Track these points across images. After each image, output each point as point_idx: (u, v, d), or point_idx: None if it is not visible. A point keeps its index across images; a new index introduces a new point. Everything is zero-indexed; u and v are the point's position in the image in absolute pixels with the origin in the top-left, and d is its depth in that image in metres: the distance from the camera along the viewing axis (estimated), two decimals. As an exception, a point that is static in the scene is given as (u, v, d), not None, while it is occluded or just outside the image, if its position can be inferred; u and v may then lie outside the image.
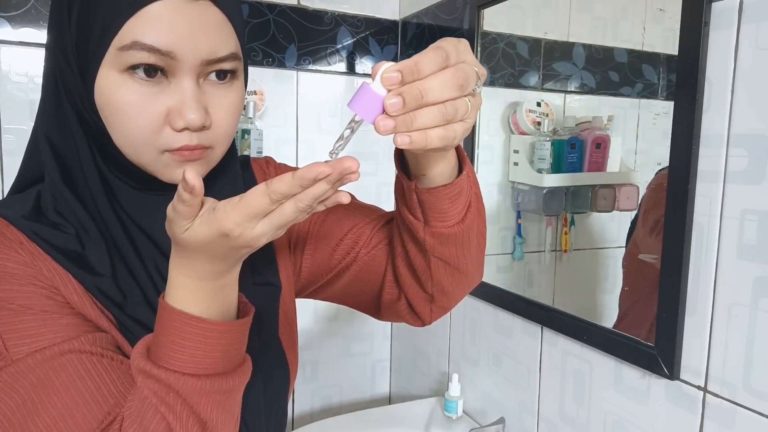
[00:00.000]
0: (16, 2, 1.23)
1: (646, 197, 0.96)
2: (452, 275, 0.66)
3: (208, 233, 0.46)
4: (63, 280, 0.55)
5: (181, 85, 0.53)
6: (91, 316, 0.55)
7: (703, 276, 0.78)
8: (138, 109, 0.53)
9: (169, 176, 0.56)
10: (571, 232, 1.16)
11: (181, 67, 0.53)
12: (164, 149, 0.54)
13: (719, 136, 0.75)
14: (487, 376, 1.27)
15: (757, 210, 0.71)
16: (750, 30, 0.71)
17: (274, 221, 0.46)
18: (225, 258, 0.49)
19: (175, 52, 0.52)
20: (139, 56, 0.51)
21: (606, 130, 1.07)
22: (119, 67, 0.52)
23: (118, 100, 0.53)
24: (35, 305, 0.52)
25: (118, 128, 0.54)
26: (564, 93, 1.17)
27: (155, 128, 0.53)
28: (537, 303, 1.10)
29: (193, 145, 0.55)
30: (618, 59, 1.04)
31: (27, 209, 0.57)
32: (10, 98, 1.26)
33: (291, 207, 0.45)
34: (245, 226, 0.45)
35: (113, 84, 0.52)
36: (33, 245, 0.55)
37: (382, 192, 1.67)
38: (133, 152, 0.55)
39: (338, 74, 1.57)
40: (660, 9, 0.90)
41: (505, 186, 1.27)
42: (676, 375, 0.81)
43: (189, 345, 0.49)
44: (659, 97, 0.95)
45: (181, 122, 0.53)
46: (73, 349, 0.52)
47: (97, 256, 0.57)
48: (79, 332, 0.53)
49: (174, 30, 0.51)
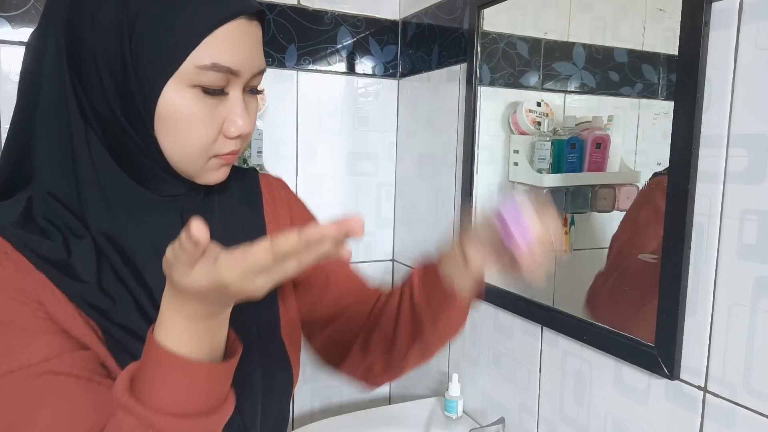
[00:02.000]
0: (16, 2, 1.23)
1: (635, 200, 0.97)
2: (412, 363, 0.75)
3: (207, 283, 0.46)
4: (47, 292, 0.54)
5: (235, 97, 0.58)
6: (74, 330, 0.54)
7: (703, 276, 0.78)
8: (202, 121, 0.56)
9: (207, 179, 0.61)
10: (571, 232, 1.16)
11: (238, 81, 0.58)
12: (214, 155, 0.59)
13: (719, 136, 0.75)
14: (487, 376, 1.27)
15: (757, 210, 0.71)
16: (750, 30, 0.71)
17: (275, 276, 0.46)
18: (219, 303, 0.49)
19: (241, 71, 0.57)
20: (216, 77, 0.55)
21: (606, 130, 1.07)
22: (189, 82, 0.55)
23: (185, 111, 0.56)
24: (15, 322, 0.52)
25: (176, 138, 0.57)
26: (564, 93, 1.17)
27: (214, 137, 0.58)
28: (537, 303, 1.10)
29: (236, 150, 0.60)
30: (618, 59, 1.04)
31: (15, 215, 0.56)
32: (10, 98, 1.25)
33: (293, 265, 0.45)
34: (246, 280, 0.45)
35: (181, 97, 0.55)
36: (18, 254, 0.54)
37: (382, 192, 1.67)
38: (182, 160, 0.58)
39: (338, 74, 1.57)
40: (660, 9, 0.90)
41: (505, 186, 1.27)
42: (676, 375, 0.81)
43: (173, 384, 0.49)
44: (659, 97, 0.95)
45: (236, 131, 0.58)
46: (49, 371, 0.51)
47: (84, 263, 0.56)
48: (58, 352, 0.52)
49: (242, 50, 0.56)
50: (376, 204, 1.67)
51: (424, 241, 1.53)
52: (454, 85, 1.37)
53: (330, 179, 1.60)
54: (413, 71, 1.56)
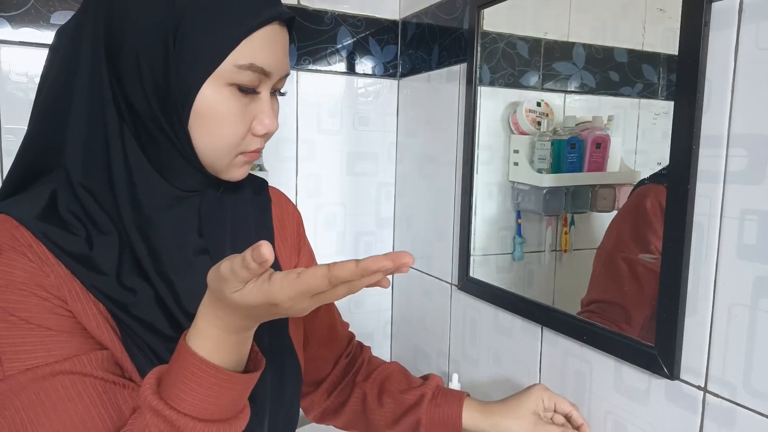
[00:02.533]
0: (16, 2, 1.23)
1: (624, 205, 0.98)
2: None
3: (258, 301, 0.48)
4: (69, 287, 0.55)
5: (265, 97, 0.62)
6: (93, 328, 0.55)
7: (703, 276, 0.78)
8: (235, 118, 0.60)
9: (232, 174, 0.64)
10: (571, 232, 1.16)
11: (268, 82, 0.61)
12: (241, 152, 0.62)
13: (719, 136, 0.75)
14: (487, 376, 1.27)
15: (757, 210, 0.71)
16: (750, 30, 0.71)
17: (324, 300, 0.48)
18: (260, 319, 0.52)
19: (273, 72, 0.60)
20: (251, 76, 0.59)
21: (606, 130, 1.07)
22: (227, 81, 0.58)
23: (221, 108, 0.59)
24: (35, 319, 0.52)
25: (209, 134, 0.59)
26: (564, 93, 1.17)
27: (244, 134, 0.61)
28: (537, 303, 1.10)
29: (261, 148, 0.63)
30: (618, 59, 1.04)
31: (39, 208, 0.57)
32: (10, 98, 1.26)
33: (344, 291, 0.47)
34: (296, 301, 0.47)
35: (219, 94, 0.58)
36: (42, 247, 0.55)
37: (382, 192, 1.67)
38: (212, 155, 0.61)
39: (338, 74, 1.57)
40: (660, 9, 0.90)
41: (505, 186, 1.27)
42: (676, 375, 0.81)
43: (202, 391, 0.51)
44: (659, 97, 0.95)
45: (263, 129, 0.61)
46: (65, 370, 0.52)
47: (106, 257, 0.57)
48: (76, 351, 0.53)
49: (275, 53, 0.60)
50: (376, 204, 1.67)
51: (424, 241, 1.53)
52: (454, 85, 1.37)
53: (330, 179, 1.60)
54: (413, 71, 1.56)
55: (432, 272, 1.49)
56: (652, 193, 0.92)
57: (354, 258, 0.46)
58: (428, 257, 1.51)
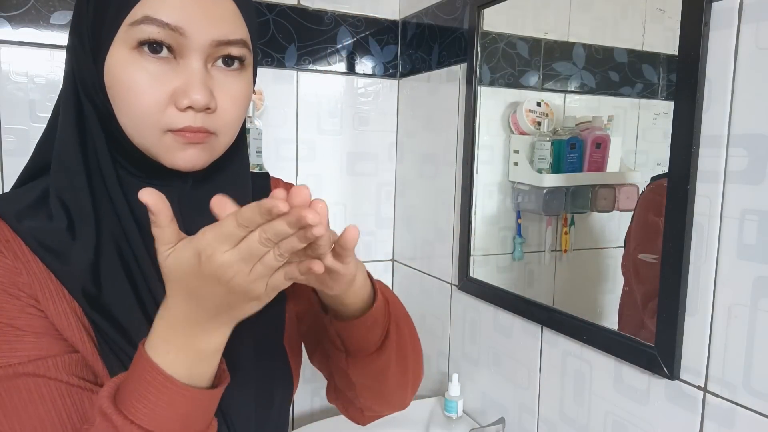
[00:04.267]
0: (16, 2, 1.23)
1: (637, 209, 0.96)
2: (375, 398, 0.68)
3: (186, 255, 0.45)
4: (42, 285, 0.53)
5: (189, 66, 0.54)
6: (64, 327, 0.53)
7: (703, 276, 0.78)
8: (144, 86, 0.53)
9: (171, 160, 0.56)
10: (571, 232, 1.16)
11: (190, 46, 0.53)
12: (167, 129, 0.54)
13: (719, 136, 0.75)
14: (487, 376, 1.27)
15: (757, 210, 0.71)
16: (750, 30, 0.71)
17: (242, 250, 0.44)
18: (203, 300, 0.47)
19: (185, 29, 0.52)
20: (148, 30, 0.52)
21: (606, 130, 1.07)
22: (129, 44, 0.53)
23: (126, 77, 0.53)
24: (3, 317, 0.51)
25: (123, 106, 0.54)
26: (564, 93, 1.17)
27: (160, 106, 0.53)
28: (537, 303, 1.10)
29: (197, 127, 0.54)
30: (618, 59, 1.04)
31: (26, 202, 0.56)
32: (10, 98, 1.26)
33: (256, 236, 0.43)
34: (215, 248, 0.44)
35: (122, 61, 0.53)
36: (20, 243, 0.54)
37: (381, 192, 1.67)
38: (136, 133, 0.55)
39: (338, 74, 1.57)
40: (660, 9, 0.90)
41: (505, 186, 1.27)
42: (676, 375, 0.81)
43: (153, 400, 0.47)
44: (659, 97, 0.95)
45: (185, 101, 0.53)
46: (29, 372, 0.50)
47: (84, 250, 0.55)
48: (43, 353, 0.51)
49: (185, 9, 0.53)
50: (376, 204, 1.67)
51: (424, 241, 1.53)
52: (454, 85, 1.37)
53: (330, 179, 1.60)
54: (413, 71, 1.56)
55: (432, 272, 1.49)
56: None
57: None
58: (428, 257, 1.51)
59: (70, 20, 0.59)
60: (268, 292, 0.47)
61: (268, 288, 0.47)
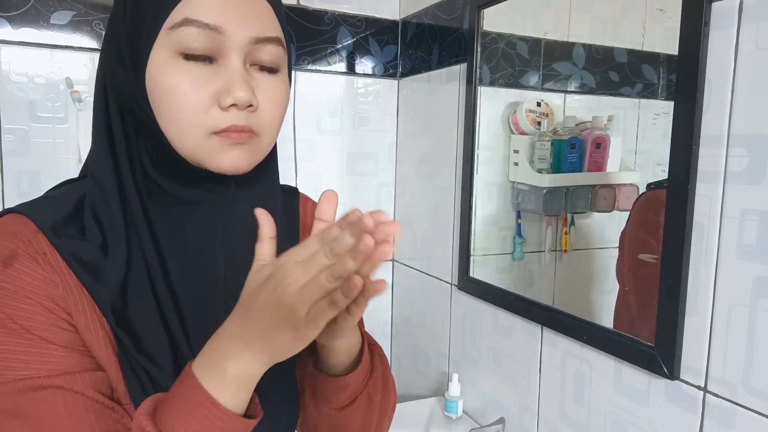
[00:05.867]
0: (16, 2, 1.23)
1: (630, 219, 0.96)
2: None
3: (265, 272, 0.47)
4: (76, 299, 0.54)
5: (229, 65, 0.54)
6: (93, 342, 0.54)
7: (703, 276, 0.78)
8: (187, 89, 0.53)
9: (217, 163, 0.56)
10: (571, 232, 1.16)
11: (229, 45, 0.54)
12: (212, 131, 0.54)
13: (719, 136, 0.75)
14: (487, 376, 1.27)
15: (757, 210, 0.71)
16: (750, 30, 0.71)
17: (309, 268, 0.45)
18: (255, 314, 0.48)
19: (224, 27, 0.53)
20: (188, 32, 0.52)
21: (606, 130, 1.07)
22: (170, 49, 0.53)
23: (169, 81, 0.53)
24: (36, 330, 0.52)
25: (167, 111, 0.54)
26: (564, 93, 1.17)
27: (204, 108, 0.54)
28: (537, 303, 1.10)
29: (241, 126, 0.55)
30: (618, 59, 1.04)
31: (62, 213, 0.56)
32: (10, 98, 1.26)
33: (320, 249, 0.45)
34: (287, 268, 0.45)
35: (164, 65, 0.53)
36: (56, 255, 0.54)
37: (382, 192, 1.67)
38: (180, 138, 0.55)
39: (338, 74, 1.57)
40: (660, 9, 0.90)
41: (505, 186, 1.27)
42: (676, 375, 0.81)
43: (193, 422, 0.48)
44: (659, 97, 0.95)
45: (229, 99, 0.53)
46: (56, 385, 0.51)
47: (116, 267, 0.56)
48: (71, 368, 0.52)
49: (223, 9, 0.53)
50: (376, 204, 1.67)
51: (424, 241, 1.53)
52: (454, 85, 1.37)
53: (330, 179, 1.60)
54: (413, 71, 1.56)
55: (432, 272, 1.49)
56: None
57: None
58: (428, 257, 1.51)
59: (104, 33, 0.60)
60: (311, 319, 0.47)
61: (310, 314, 0.46)
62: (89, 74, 1.31)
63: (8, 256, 0.52)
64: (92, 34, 1.30)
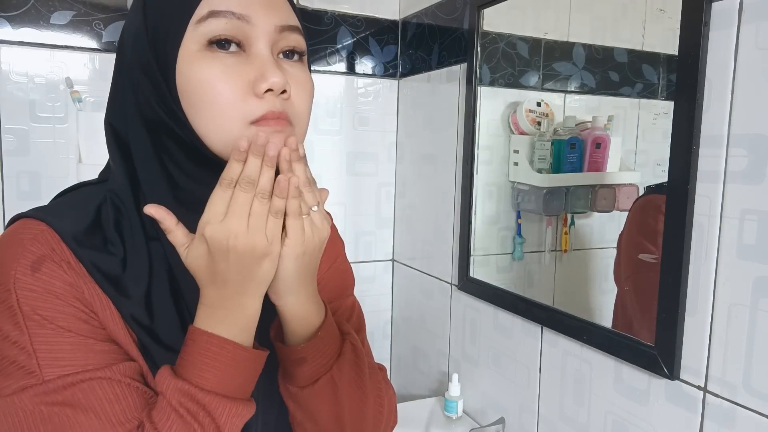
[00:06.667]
0: (16, 2, 1.23)
1: (627, 223, 0.96)
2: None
3: (198, 245, 0.51)
4: (102, 305, 0.55)
5: (259, 54, 0.55)
6: (122, 343, 0.56)
7: (703, 276, 0.78)
8: (220, 80, 0.53)
9: None
10: (571, 232, 1.16)
11: (256, 34, 0.55)
12: (250, 120, 0.54)
13: (719, 136, 0.75)
14: (487, 376, 1.27)
15: (757, 210, 0.71)
16: (750, 30, 0.71)
17: (232, 210, 0.50)
18: (225, 276, 0.52)
19: (250, 16, 0.54)
20: (216, 23, 0.53)
21: (606, 130, 1.07)
22: (199, 43, 0.53)
23: (201, 74, 0.53)
24: (74, 328, 0.53)
25: (201, 107, 0.54)
26: (564, 93, 1.17)
27: (239, 96, 0.54)
28: (537, 303, 1.10)
29: (278, 112, 0.55)
30: (618, 59, 1.04)
31: (83, 224, 0.56)
32: (10, 98, 1.26)
33: (237, 190, 0.50)
34: (213, 223, 0.50)
35: (194, 60, 0.53)
36: (79, 265, 0.55)
37: (381, 192, 1.67)
38: (217, 133, 0.54)
39: (338, 74, 1.57)
40: (660, 9, 0.90)
41: (505, 186, 1.27)
42: (676, 375, 0.81)
43: (221, 368, 0.52)
44: (659, 97, 0.95)
45: (264, 84, 0.54)
46: (103, 377, 0.52)
47: (137, 278, 0.56)
48: (110, 361, 0.54)
49: (247, 1, 0.55)
50: (376, 204, 1.67)
51: (424, 241, 1.53)
52: (454, 85, 1.37)
53: (330, 179, 1.60)
54: (413, 71, 1.56)
55: (432, 272, 1.49)
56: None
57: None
58: (428, 257, 1.51)
59: (123, 34, 0.59)
60: (271, 243, 0.52)
61: (269, 238, 0.51)
62: (89, 74, 1.31)
63: (36, 261, 0.53)
64: (92, 34, 1.30)
